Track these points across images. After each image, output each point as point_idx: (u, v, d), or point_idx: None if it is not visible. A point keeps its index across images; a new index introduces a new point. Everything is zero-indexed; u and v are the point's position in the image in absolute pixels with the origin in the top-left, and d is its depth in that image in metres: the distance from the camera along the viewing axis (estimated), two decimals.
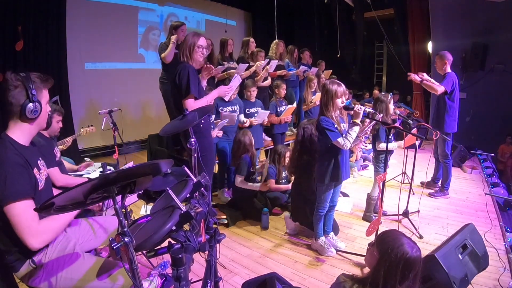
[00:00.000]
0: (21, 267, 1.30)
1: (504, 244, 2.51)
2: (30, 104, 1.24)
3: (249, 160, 3.16)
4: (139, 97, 5.56)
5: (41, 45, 4.05)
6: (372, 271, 1.23)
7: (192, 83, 2.23)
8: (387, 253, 1.16)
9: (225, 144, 3.46)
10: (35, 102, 1.25)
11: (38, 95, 1.28)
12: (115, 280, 1.33)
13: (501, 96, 5.43)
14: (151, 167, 1.03)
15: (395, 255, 1.15)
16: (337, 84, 2.23)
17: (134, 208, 2.95)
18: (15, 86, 1.23)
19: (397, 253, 1.15)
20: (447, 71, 3.40)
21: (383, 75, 8.71)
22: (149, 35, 5.66)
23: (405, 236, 1.23)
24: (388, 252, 1.16)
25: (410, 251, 1.15)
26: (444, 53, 3.43)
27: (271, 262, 2.42)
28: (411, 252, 1.15)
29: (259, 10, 7.42)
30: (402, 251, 1.15)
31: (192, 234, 1.15)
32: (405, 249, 1.15)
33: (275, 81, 4.31)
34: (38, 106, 1.27)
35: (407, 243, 1.17)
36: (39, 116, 1.30)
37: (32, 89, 1.24)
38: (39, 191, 1.29)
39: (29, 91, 1.24)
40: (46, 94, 1.34)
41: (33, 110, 1.25)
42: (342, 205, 3.25)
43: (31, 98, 1.24)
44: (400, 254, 1.15)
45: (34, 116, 1.27)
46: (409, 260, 1.14)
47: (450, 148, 3.53)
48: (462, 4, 5.60)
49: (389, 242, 1.19)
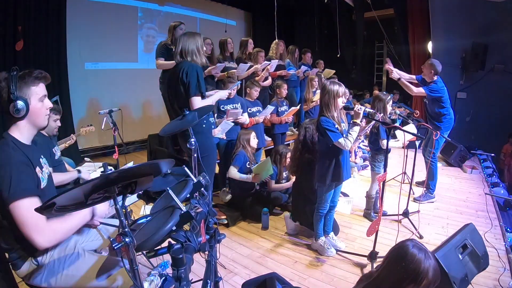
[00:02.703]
0: (22, 266, 1.30)
1: (504, 244, 2.51)
2: (12, 103, 1.22)
3: (245, 155, 3.16)
4: (139, 97, 5.56)
5: (41, 45, 4.05)
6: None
7: (201, 82, 2.26)
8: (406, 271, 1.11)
9: (225, 142, 3.44)
10: (14, 100, 1.22)
11: (24, 92, 1.26)
12: (115, 280, 1.34)
13: (501, 96, 5.43)
14: (151, 167, 1.03)
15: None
16: (337, 84, 2.24)
17: (134, 208, 2.95)
18: (1, 86, 1.23)
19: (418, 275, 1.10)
20: (434, 79, 3.26)
21: (383, 75, 8.70)
22: (149, 35, 5.65)
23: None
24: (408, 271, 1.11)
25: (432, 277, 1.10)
26: (434, 63, 3.25)
27: (271, 262, 2.42)
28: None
29: (259, 10, 7.42)
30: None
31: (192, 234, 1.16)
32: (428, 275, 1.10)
33: (276, 81, 4.32)
34: (22, 104, 1.24)
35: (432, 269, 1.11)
36: (29, 113, 1.28)
37: (12, 88, 1.22)
38: (41, 189, 1.29)
39: (9, 89, 1.22)
40: (37, 90, 1.31)
41: (15, 108, 1.23)
42: (342, 206, 3.22)
43: (10, 97, 1.22)
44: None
45: (18, 114, 1.25)
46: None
47: (439, 148, 3.46)
48: (462, 4, 5.60)
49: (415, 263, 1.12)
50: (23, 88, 1.26)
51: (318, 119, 2.28)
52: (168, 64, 3.40)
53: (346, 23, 7.72)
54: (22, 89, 1.26)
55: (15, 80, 1.24)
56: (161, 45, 3.57)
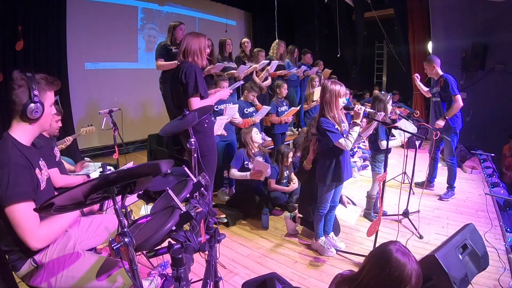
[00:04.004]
0: (22, 267, 1.30)
1: (504, 244, 2.51)
2: (31, 105, 1.24)
3: (243, 154, 3.16)
4: (139, 97, 5.55)
5: (41, 45, 4.04)
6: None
7: (199, 83, 2.27)
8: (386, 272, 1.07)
9: (223, 143, 3.45)
10: (36, 103, 1.25)
11: (42, 96, 1.29)
12: (115, 280, 1.34)
13: (501, 96, 5.42)
14: (151, 167, 1.03)
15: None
16: (338, 84, 2.24)
17: (134, 208, 2.95)
18: (19, 85, 1.24)
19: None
20: (440, 73, 3.39)
21: (383, 75, 8.71)
22: (149, 35, 5.65)
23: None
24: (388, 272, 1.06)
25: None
26: (431, 57, 3.44)
27: (271, 262, 2.42)
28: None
29: (259, 10, 7.41)
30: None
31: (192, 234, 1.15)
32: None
33: (276, 81, 4.32)
34: (40, 107, 1.27)
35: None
36: (41, 117, 1.30)
37: (34, 89, 1.24)
38: (40, 191, 1.29)
39: (32, 92, 1.24)
40: (50, 96, 1.34)
41: (34, 110, 1.25)
42: (348, 215, 3.05)
43: (32, 98, 1.24)
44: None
45: (35, 116, 1.27)
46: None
47: (455, 147, 3.53)
48: (462, 4, 5.59)
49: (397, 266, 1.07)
50: (40, 91, 1.28)
51: (318, 119, 2.28)
52: (168, 65, 3.40)
53: (346, 23, 7.72)
54: (40, 93, 1.28)
55: (36, 83, 1.25)
56: (161, 46, 3.57)
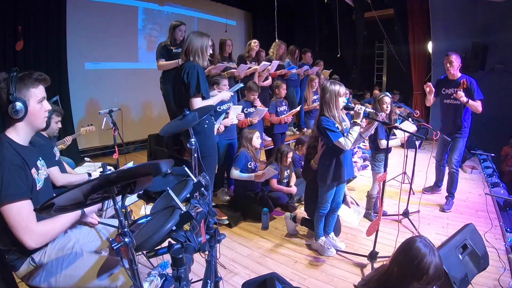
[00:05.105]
0: (21, 266, 1.30)
1: (504, 244, 2.51)
2: (10, 105, 1.23)
3: (247, 155, 3.16)
4: (139, 97, 5.56)
5: (41, 45, 4.05)
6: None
7: (202, 83, 2.27)
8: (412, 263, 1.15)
9: (225, 142, 3.45)
10: (13, 101, 1.22)
11: (24, 93, 1.26)
12: (115, 280, 1.33)
13: (501, 96, 5.41)
14: (151, 167, 1.03)
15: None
16: (338, 84, 2.25)
17: (134, 208, 2.95)
18: (1, 86, 1.23)
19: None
20: (459, 74, 3.13)
21: (383, 75, 8.70)
22: (149, 35, 5.65)
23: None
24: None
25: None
26: (457, 54, 3.10)
27: (271, 262, 2.42)
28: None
29: (259, 10, 7.42)
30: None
31: (192, 234, 1.15)
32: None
33: (276, 81, 4.32)
34: (21, 105, 1.24)
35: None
36: (27, 115, 1.28)
37: (11, 88, 1.22)
38: (36, 191, 1.29)
39: (8, 90, 1.22)
40: (37, 93, 1.31)
41: (13, 110, 1.23)
42: (351, 216, 2.91)
43: (9, 98, 1.22)
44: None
45: (16, 116, 1.25)
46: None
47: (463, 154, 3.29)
48: (462, 4, 5.59)
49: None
50: (22, 89, 1.26)
51: (319, 118, 2.28)
52: (169, 64, 3.40)
53: (346, 23, 7.72)
54: (22, 91, 1.26)
55: (15, 81, 1.24)
56: (161, 46, 3.57)
